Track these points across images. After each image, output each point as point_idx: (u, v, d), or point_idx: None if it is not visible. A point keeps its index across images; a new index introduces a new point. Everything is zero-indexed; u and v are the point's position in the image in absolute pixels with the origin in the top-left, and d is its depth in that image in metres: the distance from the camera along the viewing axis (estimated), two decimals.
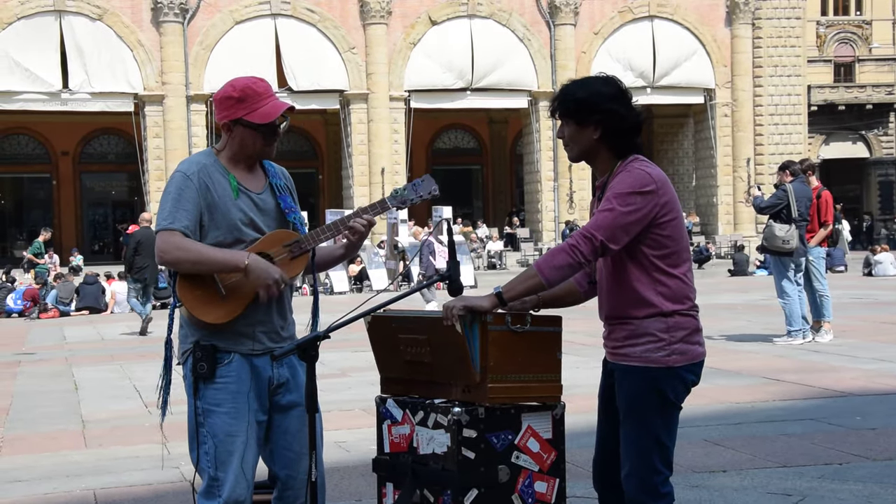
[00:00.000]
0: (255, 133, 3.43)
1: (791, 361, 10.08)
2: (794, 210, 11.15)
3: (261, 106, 3.42)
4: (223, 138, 3.51)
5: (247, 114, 3.41)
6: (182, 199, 3.37)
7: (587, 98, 3.31)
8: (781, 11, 37.59)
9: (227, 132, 3.47)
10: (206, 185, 3.40)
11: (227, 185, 3.43)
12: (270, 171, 3.59)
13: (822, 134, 48.94)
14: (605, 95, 3.31)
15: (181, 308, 3.42)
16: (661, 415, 3.31)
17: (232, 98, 3.42)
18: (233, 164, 3.48)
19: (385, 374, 3.63)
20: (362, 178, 34.51)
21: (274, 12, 33.45)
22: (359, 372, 9.87)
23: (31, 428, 8.06)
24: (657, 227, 3.27)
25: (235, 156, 3.48)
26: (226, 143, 3.49)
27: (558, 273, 3.25)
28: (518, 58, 35.26)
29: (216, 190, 3.41)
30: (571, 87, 3.38)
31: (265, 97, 3.44)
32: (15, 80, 31.47)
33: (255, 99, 3.42)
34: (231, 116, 3.43)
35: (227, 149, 3.49)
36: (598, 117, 3.30)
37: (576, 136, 3.35)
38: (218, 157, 3.49)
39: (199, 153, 3.55)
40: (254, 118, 3.41)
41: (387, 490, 3.54)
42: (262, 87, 3.45)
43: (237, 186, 3.45)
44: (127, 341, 15.32)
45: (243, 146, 3.46)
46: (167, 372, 3.56)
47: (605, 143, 3.33)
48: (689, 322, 3.33)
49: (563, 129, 3.38)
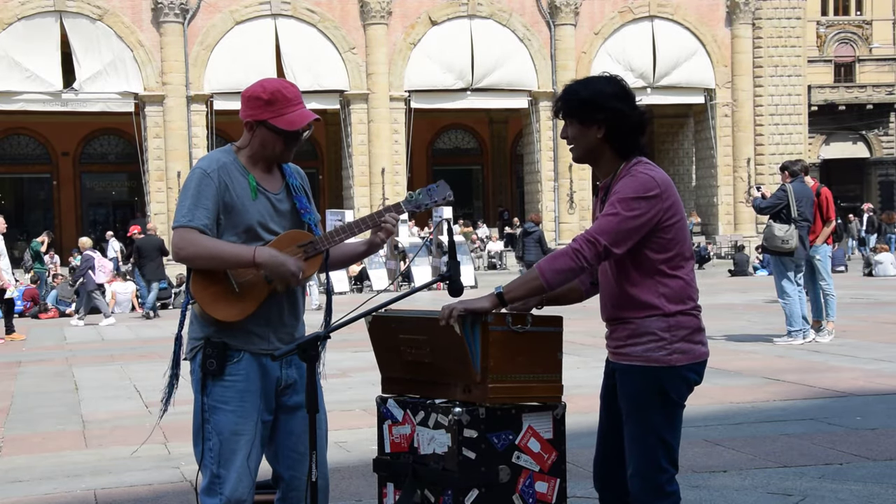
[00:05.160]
0: (277, 137, 3.42)
1: (791, 361, 10.08)
2: (794, 210, 11.15)
3: (288, 112, 3.40)
4: (244, 136, 3.49)
5: (273, 117, 3.39)
6: (201, 196, 3.36)
7: (591, 97, 3.29)
8: (781, 11, 37.58)
9: (250, 131, 3.45)
10: (226, 184, 3.39)
11: (247, 184, 3.42)
12: (287, 171, 3.58)
13: (822, 134, 48.95)
14: (608, 94, 3.29)
15: (194, 305, 3.41)
16: (664, 413, 3.31)
17: (261, 99, 3.40)
18: (252, 164, 3.47)
19: (386, 374, 3.62)
20: (362, 178, 34.50)
21: (274, 12, 33.44)
22: (359, 372, 9.87)
23: (31, 428, 8.06)
24: (661, 231, 3.26)
25: (255, 156, 3.47)
26: (247, 142, 3.48)
27: (560, 277, 3.25)
28: (518, 58, 35.25)
29: (235, 189, 3.40)
30: (575, 86, 3.36)
31: (294, 104, 3.41)
32: (15, 81, 31.47)
33: (283, 104, 3.40)
34: (257, 117, 3.41)
35: (247, 147, 3.48)
36: (601, 116, 3.28)
37: (580, 136, 3.34)
38: (238, 154, 3.48)
39: (218, 150, 3.52)
40: (280, 123, 3.39)
41: (387, 490, 3.53)
42: (293, 94, 3.43)
43: (256, 187, 3.44)
44: (128, 341, 15.32)
45: (264, 147, 3.45)
46: (175, 369, 3.55)
47: (609, 142, 3.31)
48: (691, 321, 3.33)
49: (566, 129, 3.36)
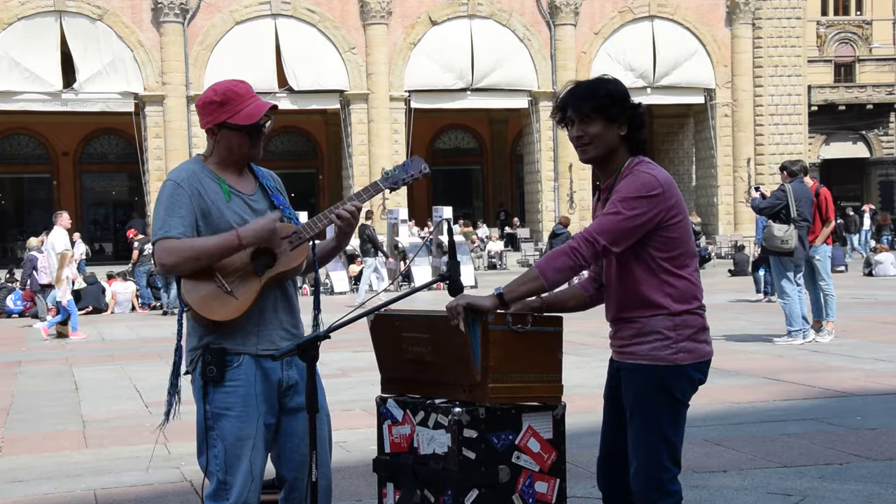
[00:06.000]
0: (240, 135, 3.41)
1: (791, 361, 10.08)
2: (793, 210, 11.15)
3: (244, 107, 3.39)
4: (209, 144, 3.48)
5: (230, 116, 3.38)
6: (174, 206, 3.34)
7: (620, 93, 3.31)
8: (781, 11, 37.58)
9: (212, 137, 3.44)
10: (198, 191, 3.37)
11: (219, 188, 3.41)
12: (259, 174, 3.57)
13: (822, 134, 48.94)
14: (625, 92, 3.33)
15: (188, 312, 3.39)
16: (669, 412, 3.31)
17: (214, 102, 3.40)
18: (221, 170, 3.45)
19: (386, 373, 3.62)
20: (362, 178, 34.48)
21: (274, 12, 33.45)
22: (359, 372, 9.86)
23: (31, 428, 8.05)
24: (664, 230, 3.26)
25: (223, 161, 3.45)
26: (212, 149, 3.46)
27: (559, 275, 3.24)
28: (518, 58, 35.26)
29: (208, 195, 3.38)
30: (598, 83, 3.34)
31: (248, 98, 3.41)
32: (15, 81, 31.48)
33: (237, 101, 3.39)
34: (215, 121, 3.40)
35: (213, 154, 3.46)
36: (628, 113, 3.31)
37: (603, 134, 3.31)
38: (206, 163, 3.46)
39: (186, 162, 3.51)
40: (238, 119, 3.38)
41: (387, 490, 3.53)
42: (244, 89, 3.42)
43: (228, 189, 3.43)
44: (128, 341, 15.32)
45: (230, 150, 3.43)
46: (175, 377, 3.54)
47: (627, 140, 3.33)
48: (697, 320, 3.32)
49: (580, 128, 3.32)
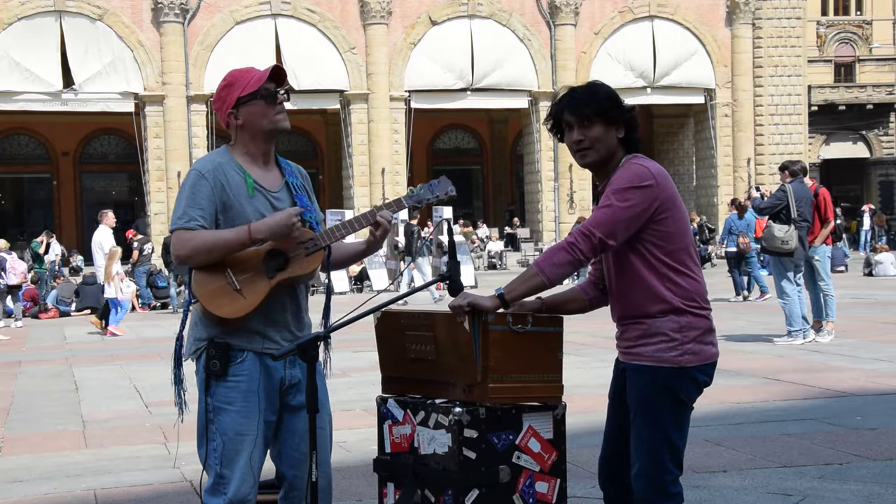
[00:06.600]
0: (259, 105, 3.43)
1: (791, 361, 10.09)
2: (794, 210, 11.15)
3: (251, 78, 3.46)
4: (234, 134, 3.50)
5: (241, 91, 3.43)
6: (196, 196, 3.36)
7: (616, 97, 3.35)
8: (781, 11, 37.58)
9: (235, 123, 3.46)
10: (222, 183, 3.38)
11: (243, 182, 3.41)
12: (287, 170, 3.56)
13: (822, 134, 48.93)
14: (619, 96, 3.38)
15: (196, 305, 3.40)
16: (673, 414, 3.31)
17: (224, 88, 3.47)
18: (248, 161, 3.46)
19: (387, 372, 3.62)
20: (363, 178, 34.51)
21: (274, 12, 33.44)
22: (360, 372, 9.87)
23: (31, 428, 8.06)
24: (657, 223, 3.26)
25: (249, 150, 3.47)
26: (236, 136, 3.49)
27: (559, 271, 3.24)
28: (518, 58, 35.25)
29: (231, 188, 3.39)
30: (596, 87, 3.37)
31: (251, 72, 3.49)
32: (15, 80, 31.47)
33: (244, 76, 3.47)
34: (231, 103, 3.44)
35: (239, 143, 3.48)
36: (627, 116, 3.34)
37: (603, 137, 3.32)
38: (233, 154, 3.48)
39: (214, 152, 3.52)
40: (249, 88, 3.43)
41: (388, 490, 3.53)
42: (246, 69, 3.51)
43: (253, 184, 3.43)
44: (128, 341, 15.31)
45: (255, 128, 3.45)
46: (177, 369, 3.54)
47: (624, 142, 3.36)
48: (702, 322, 3.32)
49: (583, 132, 3.33)
